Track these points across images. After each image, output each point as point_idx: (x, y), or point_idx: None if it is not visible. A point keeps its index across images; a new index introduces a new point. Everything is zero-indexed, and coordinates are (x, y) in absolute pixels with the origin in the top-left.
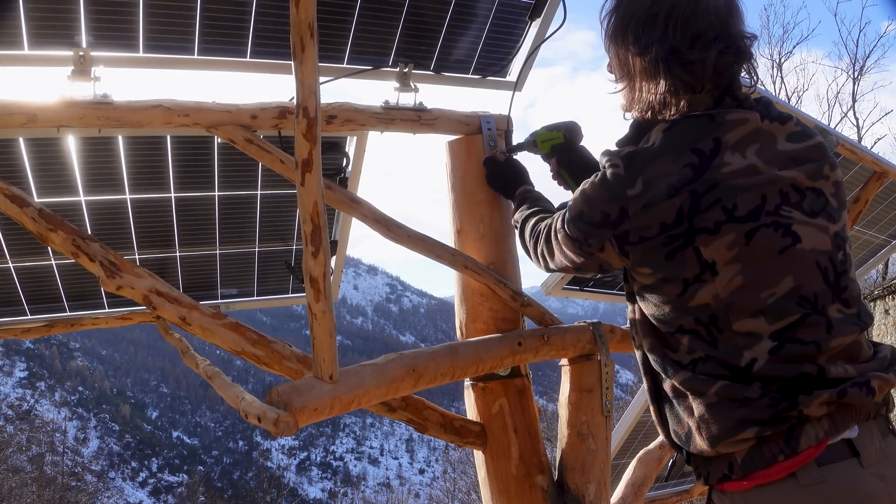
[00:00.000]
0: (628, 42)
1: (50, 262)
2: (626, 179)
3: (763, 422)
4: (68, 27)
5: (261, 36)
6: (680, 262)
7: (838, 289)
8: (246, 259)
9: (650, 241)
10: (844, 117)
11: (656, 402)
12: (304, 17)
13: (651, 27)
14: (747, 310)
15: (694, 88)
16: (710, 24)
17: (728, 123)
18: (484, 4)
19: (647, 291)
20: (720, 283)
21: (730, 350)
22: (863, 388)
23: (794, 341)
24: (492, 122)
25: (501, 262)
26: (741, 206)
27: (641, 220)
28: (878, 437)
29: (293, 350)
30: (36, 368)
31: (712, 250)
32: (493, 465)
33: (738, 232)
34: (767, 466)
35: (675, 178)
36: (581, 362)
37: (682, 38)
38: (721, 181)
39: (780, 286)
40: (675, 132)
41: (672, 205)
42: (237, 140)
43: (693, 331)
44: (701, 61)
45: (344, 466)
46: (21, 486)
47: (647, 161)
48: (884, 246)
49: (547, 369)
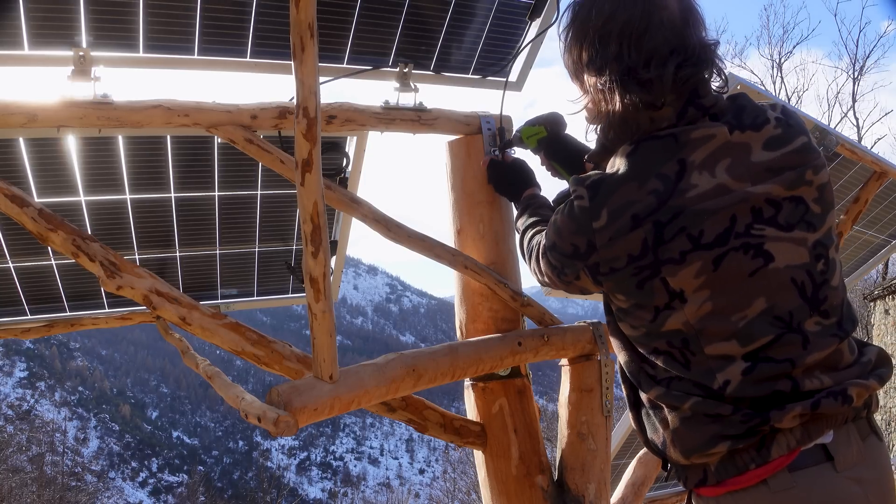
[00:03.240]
0: (583, 62)
1: (50, 262)
2: (591, 211)
3: (736, 436)
4: (68, 27)
5: (261, 36)
6: (649, 291)
7: (816, 301)
8: (246, 259)
9: (620, 272)
10: (844, 117)
11: (634, 408)
12: (304, 17)
13: (605, 47)
14: (719, 334)
15: (654, 105)
16: (665, 39)
17: (692, 142)
18: (484, 4)
19: (622, 314)
20: (689, 311)
21: (702, 372)
22: (838, 398)
23: (766, 360)
24: (492, 122)
25: (501, 262)
26: (708, 232)
27: (609, 252)
28: (856, 441)
29: (293, 350)
30: (36, 368)
31: (679, 280)
32: (493, 465)
33: (704, 260)
34: (740, 474)
35: (639, 208)
36: (581, 362)
37: (637, 57)
38: (686, 207)
39: (751, 308)
40: (639, 156)
41: (637, 236)
42: (237, 140)
43: (667, 352)
44: (658, 78)
45: (344, 466)
46: (21, 486)
47: (612, 191)
48: (884, 246)
49: (547, 369)
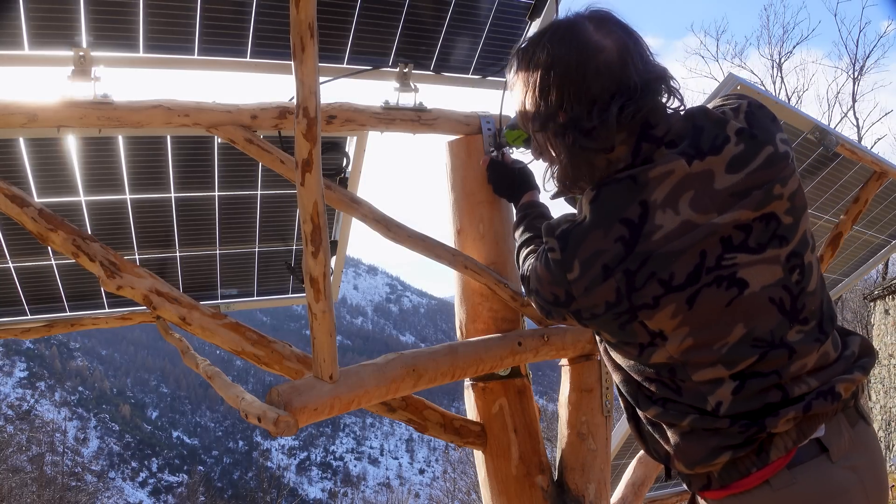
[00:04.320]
0: (528, 117)
1: (50, 262)
2: (563, 264)
3: (736, 446)
4: (68, 27)
5: (261, 36)
6: (630, 331)
7: (795, 312)
8: (246, 259)
9: (600, 317)
10: (844, 117)
11: (633, 420)
12: (304, 17)
13: (545, 99)
14: (703, 362)
15: (605, 149)
16: (604, 85)
17: (652, 182)
18: (484, 5)
19: (611, 346)
20: (671, 347)
21: (694, 396)
22: (828, 397)
23: (754, 376)
24: (492, 122)
25: (501, 262)
26: (678, 273)
27: (587, 301)
28: (846, 430)
29: (293, 350)
30: (36, 368)
31: (656, 322)
32: (493, 465)
33: (678, 301)
34: (742, 478)
35: (608, 258)
36: (581, 362)
37: (578, 108)
38: (653, 251)
39: (731, 335)
40: (601, 203)
41: (609, 285)
42: (237, 140)
43: (657, 380)
44: (602, 124)
45: (344, 466)
46: (21, 486)
47: (580, 241)
48: (884, 246)
49: (547, 369)
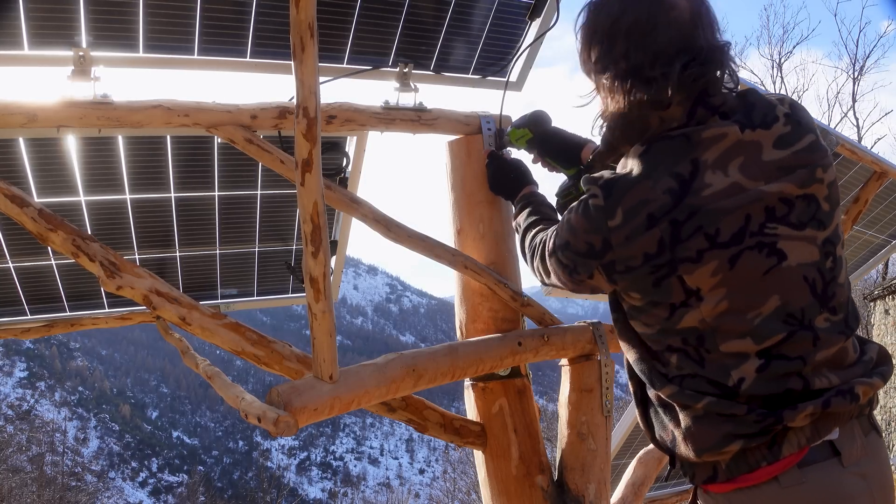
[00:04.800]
0: (592, 60)
1: (50, 262)
2: (606, 210)
3: (749, 435)
4: (68, 27)
5: (261, 36)
6: (666, 288)
7: (826, 298)
8: (246, 259)
9: (636, 271)
10: (844, 117)
11: (641, 406)
12: (304, 17)
13: (612, 46)
14: (734, 332)
15: (660, 104)
16: (671, 39)
17: (705, 142)
18: (484, 5)
19: (635, 312)
20: (706, 309)
21: (717, 369)
22: (846, 396)
23: (779, 357)
24: (492, 122)
25: (501, 262)
26: (724, 231)
27: (625, 251)
28: (859, 436)
29: (293, 350)
30: (36, 368)
31: (696, 278)
32: (493, 465)
33: (721, 258)
34: (751, 471)
35: (654, 207)
36: (581, 362)
37: (642, 56)
38: (702, 206)
39: (765, 306)
40: (651, 156)
41: (653, 235)
42: (237, 140)
43: (681, 350)
44: (663, 76)
45: (344, 466)
46: (21, 486)
47: (626, 190)
48: (884, 246)
49: (547, 369)
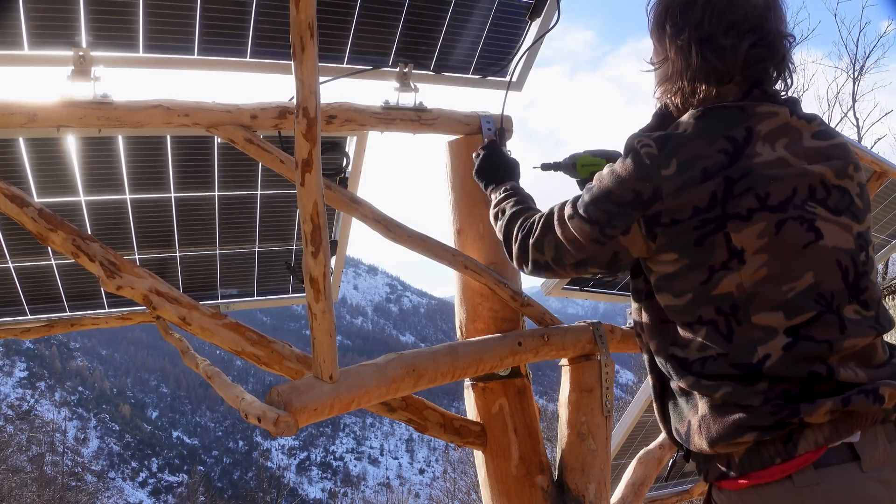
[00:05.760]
0: (666, 25)
1: (50, 262)
2: (660, 160)
3: (763, 427)
4: (68, 27)
5: (261, 36)
6: (709, 247)
7: (857, 290)
8: (246, 259)
9: (681, 225)
10: (844, 117)
11: (661, 398)
12: (304, 17)
13: (688, 12)
14: (768, 302)
15: (723, 76)
16: (746, 15)
17: (759, 115)
18: (484, 4)
19: (666, 281)
20: (746, 273)
21: (744, 344)
22: (870, 396)
23: (807, 339)
24: (492, 122)
25: (501, 262)
26: (774, 196)
27: (674, 202)
28: (883, 442)
29: (293, 350)
30: (36, 368)
31: (742, 237)
32: (493, 465)
33: (769, 221)
34: (764, 468)
35: (709, 163)
36: (581, 362)
37: (717, 25)
38: (754, 170)
39: (800, 281)
40: (708, 120)
41: (706, 189)
42: (237, 140)
43: (711, 322)
44: (733, 48)
45: (344, 466)
46: (21, 486)
47: (681, 144)
48: (884, 246)
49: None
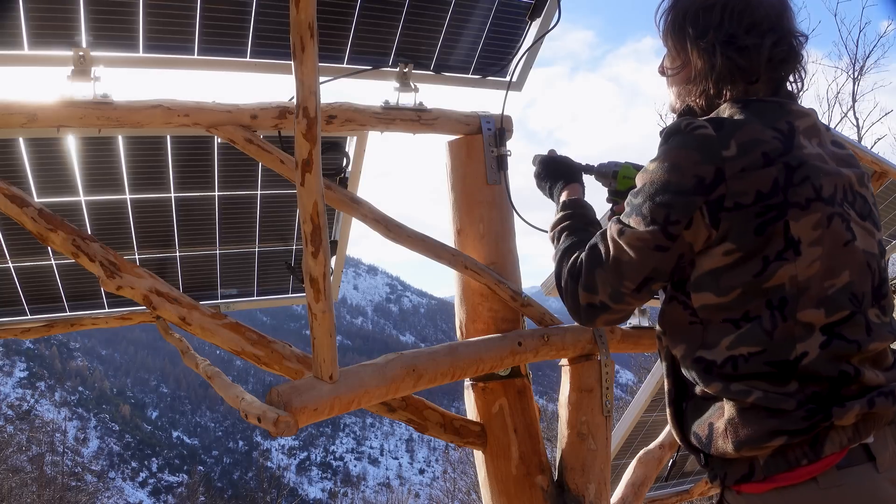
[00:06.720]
0: (686, 29)
1: (50, 262)
2: (719, 140)
3: (794, 431)
4: (68, 27)
5: (261, 36)
6: (768, 236)
7: (879, 294)
8: (246, 259)
9: (744, 210)
10: (844, 117)
11: (674, 405)
12: (304, 17)
13: (708, 15)
14: (813, 298)
15: (749, 75)
16: (765, 15)
17: (795, 112)
18: (484, 4)
19: (711, 277)
20: (801, 265)
21: (784, 341)
22: (889, 397)
23: (840, 338)
24: (492, 122)
25: (501, 262)
26: (826, 187)
27: (738, 185)
28: (891, 443)
29: (293, 350)
30: (36, 368)
31: (800, 227)
32: (493, 465)
33: (822, 213)
34: (790, 470)
35: (768, 147)
36: (581, 362)
37: (737, 26)
38: (807, 160)
39: (839, 279)
40: (752, 110)
41: (768, 174)
42: (237, 140)
43: (757, 318)
44: (756, 47)
45: (344, 466)
46: (21, 486)
47: (737, 126)
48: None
49: (547, 369)
